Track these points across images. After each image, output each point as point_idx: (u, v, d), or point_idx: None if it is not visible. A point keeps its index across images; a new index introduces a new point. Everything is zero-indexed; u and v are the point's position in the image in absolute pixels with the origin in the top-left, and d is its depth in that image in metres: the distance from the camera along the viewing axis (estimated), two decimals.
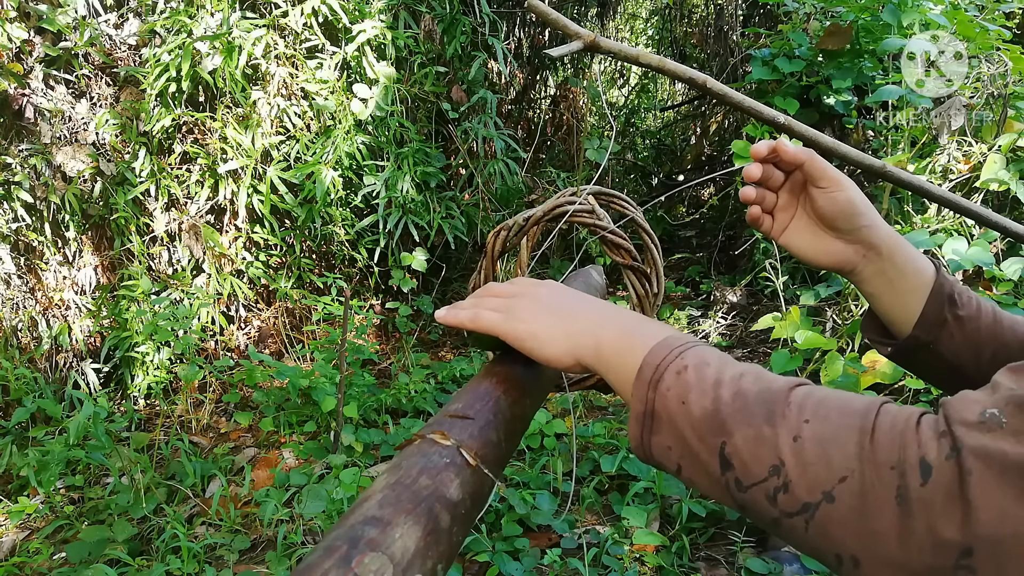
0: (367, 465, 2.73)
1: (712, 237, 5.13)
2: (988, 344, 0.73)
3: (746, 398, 0.50)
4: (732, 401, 0.50)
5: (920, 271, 0.75)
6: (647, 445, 0.55)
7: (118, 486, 2.58)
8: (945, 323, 0.74)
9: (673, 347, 0.56)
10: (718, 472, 0.49)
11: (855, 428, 0.44)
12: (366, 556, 0.37)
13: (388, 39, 3.46)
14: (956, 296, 0.74)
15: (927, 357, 0.76)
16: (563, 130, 4.82)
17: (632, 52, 0.84)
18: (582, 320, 0.63)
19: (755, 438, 0.48)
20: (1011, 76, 2.50)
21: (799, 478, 0.45)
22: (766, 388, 0.50)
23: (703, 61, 5.71)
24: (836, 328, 2.82)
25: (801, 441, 0.46)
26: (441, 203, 3.74)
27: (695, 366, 0.53)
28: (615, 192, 0.81)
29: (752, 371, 0.53)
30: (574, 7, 5.09)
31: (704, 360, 0.54)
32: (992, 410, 0.41)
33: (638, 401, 0.55)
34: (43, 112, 3.18)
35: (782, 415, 0.47)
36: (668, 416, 0.53)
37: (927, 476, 0.40)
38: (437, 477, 0.46)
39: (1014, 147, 2.45)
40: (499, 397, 0.60)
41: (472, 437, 0.52)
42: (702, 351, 0.55)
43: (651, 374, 0.54)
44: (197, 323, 3.38)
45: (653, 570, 2.19)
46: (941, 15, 2.66)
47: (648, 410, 0.54)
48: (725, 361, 0.54)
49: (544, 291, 0.68)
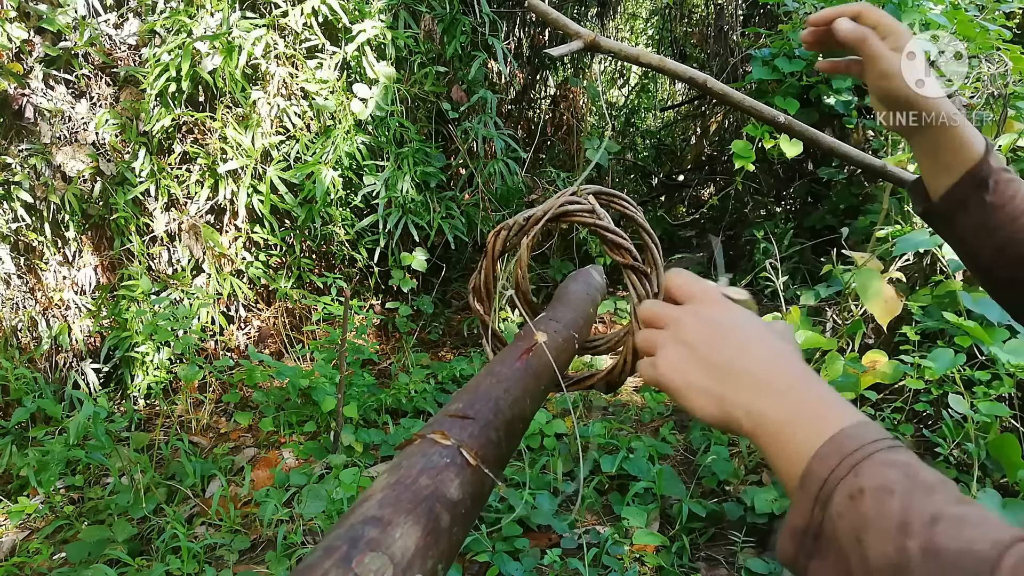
0: (367, 465, 2.73)
1: (712, 237, 5.13)
2: (1002, 234, 0.76)
3: (942, 561, 0.40)
4: (923, 560, 0.41)
5: (967, 151, 0.78)
6: (802, 568, 0.47)
7: (118, 486, 2.58)
8: (966, 203, 0.77)
9: (846, 454, 0.46)
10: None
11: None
12: (366, 556, 0.37)
13: (388, 39, 3.46)
14: (991, 183, 0.76)
15: (944, 229, 0.82)
16: (563, 130, 4.82)
17: (632, 52, 0.84)
18: (736, 385, 0.52)
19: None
20: (1011, 76, 2.50)
21: None
22: (968, 550, 0.40)
23: (703, 61, 5.71)
24: (836, 328, 2.82)
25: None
26: (441, 203, 3.74)
27: (874, 492, 0.44)
28: (615, 192, 0.81)
29: (949, 513, 0.42)
30: (574, 7, 5.09)
31: (886, 485, 0.44)
32: None
33: (799, 516, 0.46)
34: (43, 112, 3.18)
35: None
36: (838, 548, 0.44)
37: None
38: (437, 477, 0.46)
39: (1014, 147, 2.45)
40: (499, 397, 0.60)
41: (472, 437, 0.52)
42: (882, 465, 0.45)
43: (817, 489, 0.45)
44: (197, 323, 3.38)
45: (653, 570, 2.19)
46: (941, 15, 2.65)
47: (812, 530, 0.46)
48: (912, 487, 0.43)
49: (702, 335, 0.55)
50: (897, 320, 2.39)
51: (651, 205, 5.92)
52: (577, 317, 0.85)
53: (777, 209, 4.66)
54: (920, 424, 2.58)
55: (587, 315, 0.91)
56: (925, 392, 2.36)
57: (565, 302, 0.89)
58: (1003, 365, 2.05)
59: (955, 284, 2.28)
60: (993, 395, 2.15)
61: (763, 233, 3.97)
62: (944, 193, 0.79)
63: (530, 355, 0.68)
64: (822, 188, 4.25)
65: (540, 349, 0.69)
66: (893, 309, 2.25)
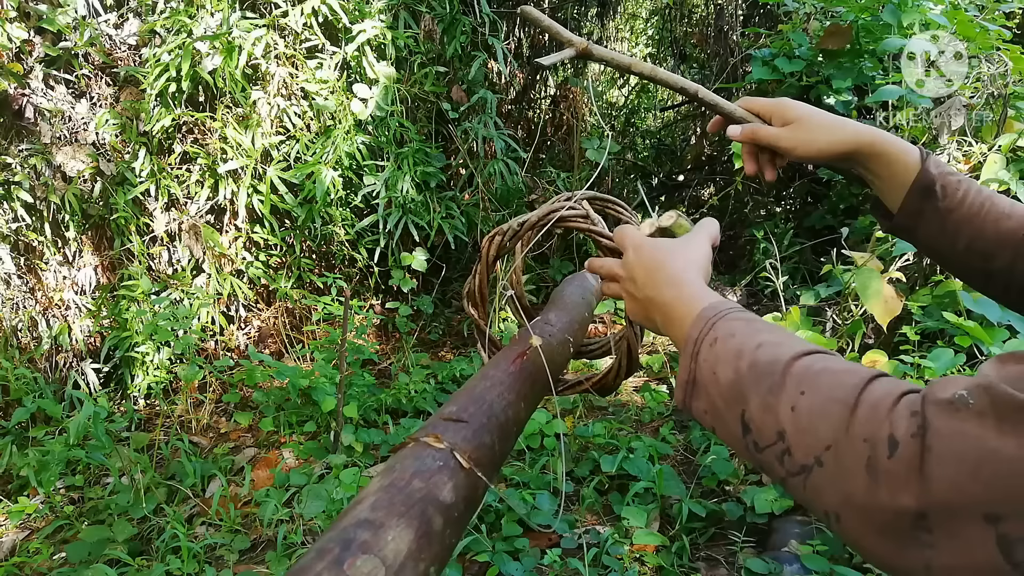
0: (367, 465, 2.73)
1: None
2: (964, 234, 0.80)
3: (758, 369, 0.56)
4: (748, 372, 0.56)
5: (903, 166, 0.82)
6: (689, 408, 0.63)
7: (118, 486, 2.58)
8: (922, 213, 0.82)
9: (708, 318, 0.63)
10: (740, 435, 0.56)
11: (840, 402, 0.49)
12: (358, 558, 0.37)
13: (388, 39, 3.46)
14: (937, 188, 0.80)
15: (911, 240, 0.86)
16: (563, 130, 4.82)
17: (624, 61, 0.84)
18: (652, 305, 0.72)
19: (763, 406, 0.54)
20: (1011, 76, 2.49)
21: (796, 444, 0.51)
22: (775, 358, 0.55)
23: (703, 61, 5.71)
24: (836, 328, 2.82)
25: (797, 411, 0.51)
26: (441, 203, 3.74)
27: (723, 337, 0.60)
28: (609, 197, 0.81)
29: (770, 340, 0.58)
30: (574, 7, 5.09)
31: (730, 331, 0.60)
32: (962, 391, 0.44)
33: (683, 370, 0.63)
34: (43, 112, 3.19)
35: (782, 386, 0.53)
36: (704, 384, 0.60)
37: (894, 450, 0.45)
38: (430, 480, 0.46)
39: (1014, 147, 2.44)
40: (493, 401, 0.60)
41: (466, 440, 0.52)
42: (730, 321, 0.62)
43: (692, 347, 0.62)
44: (197, 323, 3.38)
45: (653, 570, 2.19)
46: (941, 15, 2.65)
47: (690, 378, 0.62)
48: (750, 329, 0.60)
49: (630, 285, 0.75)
50: (897, 320, 2.39)
51: (651, 205, 5.91)
52: (572, 321, 0.85)
53: (777, 209, 4.66)
54: None
55: (582, 319, 0.91)
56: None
57: (560, 306, 0.89)
58: None
59: (955, 284, 2.28)
60: None
61: (763, 233, 3.97)
62: (899, 208, 0.83)
63: (525, 359, 0.68)
64: (822, 188, 4.25)
65: (535, 352, 0.69)
66: (893, 309, 2.25)
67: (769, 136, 0.86)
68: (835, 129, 0.83)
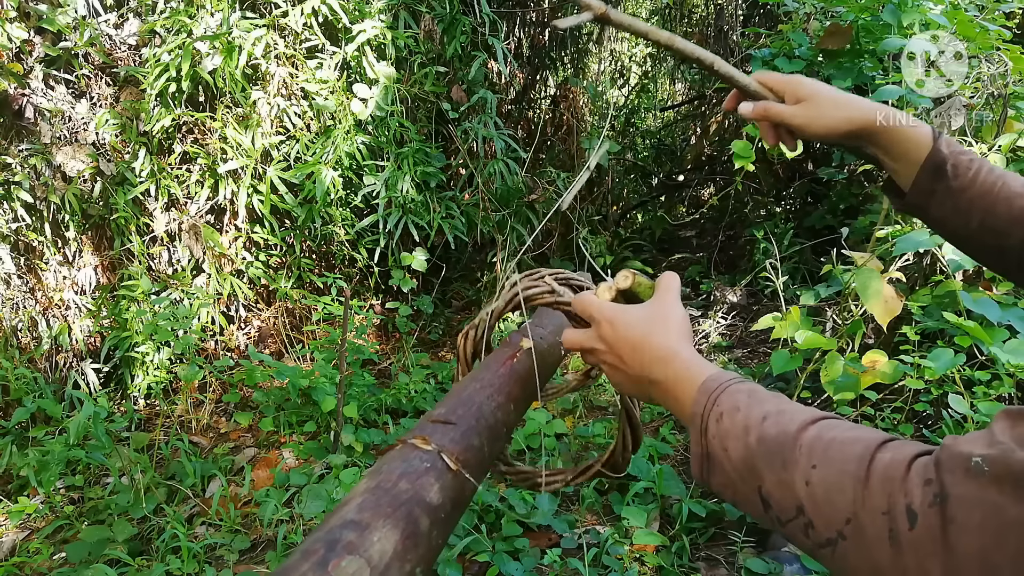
0: (367, 465, 2.73)
1: (712, 237, 5.13)
2: (977, 213, 0.79)
3: (767, 443, 0.55)
4: (758, 447, 0.56)
5: (914, 144, 0.82)
6: (709, 483, 0.62)
7: (118, 486, 2.58)
8: (933, 193, 0.81)
9: (709, 392, 0.62)
10: (763, 510, 0.56)
11: (851, 475, 0.49)
12: (343, 559, 0.37)
13: (388, 39, 3.46)
14: (949, 168, 0.80)
15: (923, 218, 0.86)
16: (563, 130, 4.82)
17: (642, 27, 0.83)
18: (641, 381, 0.71)
19: (779, 482, 0.54)
20: (1011, 76, 2.49)
21: (816, 518, 0.51)
22: (782, 431, 0.55)
23: None
24: (836, 328, 2.81)
25: (812, 486, 0.51)
26: (441, 203, 3.74)
27: (728, 412, 0.60)
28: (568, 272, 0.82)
29: (774, 411, 0.58)
30: (574, 7, 5.08)
31: (734, 404, 0.60)
32: (977, 458, 0.44)
33: (696, 444, 0.62)
34: (43, 112, 3.19)
35: (794, 460, 0.53)
36: (718, 460, 0.60)
37: (914, 522, 0.45)
38: (417, 481, 0.46)
39: (1014, 147, 2.44)
40: (482, 403, 0.60)
41: (453, 442, 0.52)
42: (733, 393, 0.61)
43: (700, 423, 0.61)
44: (197, 323, 3.39)
45: (653, 570, 2.19)
46: (941, 15, 2.64)
47: (703, 453, 0.61)
48: (753, 401, 0.60)
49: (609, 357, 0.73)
50: (897, 320, 2.38)
51: (651, 205, 5.92)
52: (564, 323, 0.85)
53: (777, 209, 4.66)
54: (920, 424, 2.57)
55: None
56: (925, 392, 2.36)
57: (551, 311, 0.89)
58: (1003, 365, 2.04)
59: (955, 284, 2.28)
60: (993, 395, 2.14)
61: (763, 233, 3.96)
62: (911, 187, 0.83)
63: (515, 361, 0.68)
64: (822, 188, 4.24)
65: (526, 355, 0.69)
66: (893, 309, 2.24)
67: (781, 113, 0.86)
68: (845, 106, 0.83)
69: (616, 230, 4.97)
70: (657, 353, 0.69)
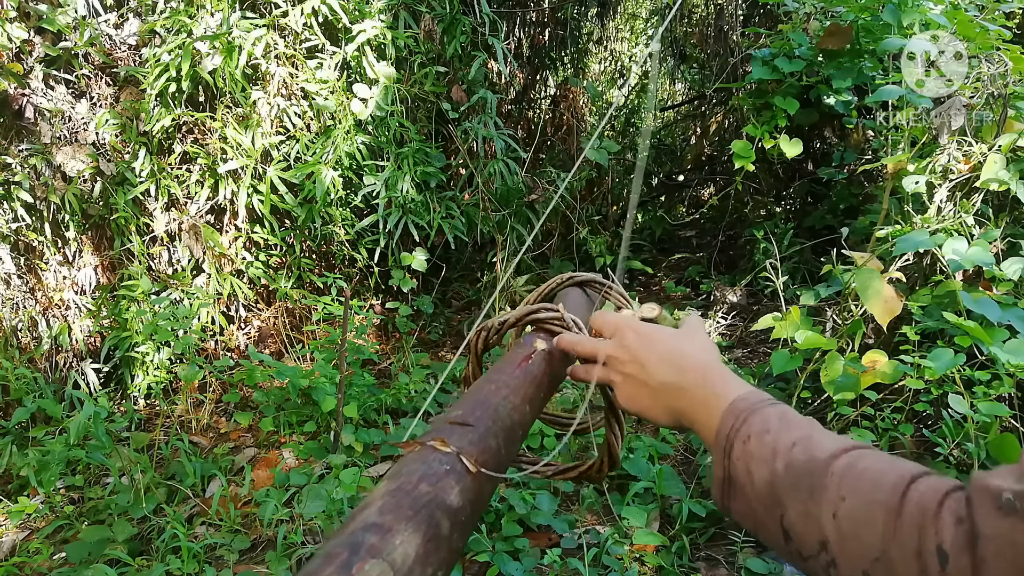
0: (367, 465, 2.73)
1: (712, 237, 5.13)
2: None
3: (795, 470, 0.53)
4: (785, 474, 0.53)
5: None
6: (728, 509, 0.60)
7: (118, 486, 2.58)
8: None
9: (739, 411, 0.60)
10: (783, 542, 0.53)
11: (883, 507, 0.47)
12: (367, 563, 0.37)
13: (388, 39, 3.46)
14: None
15: None
16: (563, 130, 4.82)
17: None
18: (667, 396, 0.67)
19: (803, 513, 0.51)
20: (1011, 76, 2.49)
21: (841, 555, 0.48)
22: (811, 458, 0.52)
23: (703, 61, 5.71)
24: (836, 328, 2.82)
25: (839, 519, 0.49)
26: (441, 203, 3.74)
27: (757, 434, 0.57)
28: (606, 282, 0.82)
29: (804, 437, 0.55)
30: (574, 7, 5.08)
31: (765, 427, 0.57)
32: (1008, 495, 0.42)
33: (718, 466, 0.60)
34: (43, 112, 3.18)
35: (822, 489, 0.50)
36: (740, 484, 0.57)
37: (944, 563, 0.43)
38: (437, 484, 0.46)
39: (1014, 147, 2.44)
40: (498, 404, 0.60)
41: (472, 444, 0.52)
42: (764, 415, 0.58)
43: (724, 444, 0.59)
44: (197, 323, 3.38)
45: (653, 570, 2.19)
46: (941, 15, 2.65)
47: (725, 476, 0.59)
48: (783, 425, 0.57)
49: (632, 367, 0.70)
50: (897, 320, 2.39)
51: (651, 205, 5.92)
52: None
53: (777, 209, 4.66)
54: (920, 424, 2.58)
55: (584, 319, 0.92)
56: (925, 392, 2.36)
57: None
58: (1003, 365, 2.05)
59: (955, 284, 2.28)
60: (993, 395, 2.15)
61: (763, 233, 3.97)
62: None
63: (529, 362, 0.68)
64: (822, 188, 4.25)
65: (540, 356, 0.69)
66: (893, 309, 2.25)
67: None
68: None
69: (616, 230, 4.97)
70: (690, 363, 0.67)
